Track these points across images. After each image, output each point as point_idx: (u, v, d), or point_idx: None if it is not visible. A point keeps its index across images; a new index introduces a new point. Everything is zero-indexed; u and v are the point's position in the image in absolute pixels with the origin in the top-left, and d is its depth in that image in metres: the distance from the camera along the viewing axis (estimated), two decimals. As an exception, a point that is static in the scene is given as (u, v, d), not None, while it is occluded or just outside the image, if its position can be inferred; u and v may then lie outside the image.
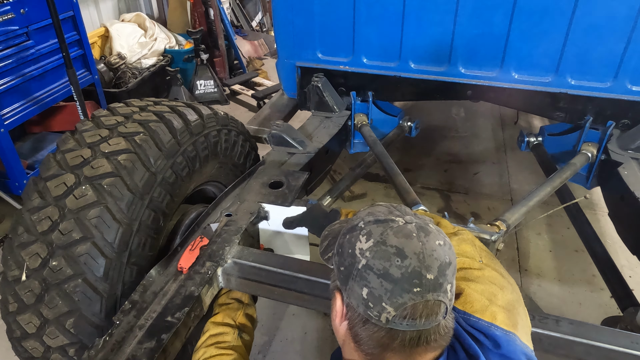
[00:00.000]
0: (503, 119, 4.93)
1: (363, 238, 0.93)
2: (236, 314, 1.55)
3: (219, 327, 1.48)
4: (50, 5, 2.96)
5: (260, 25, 7.65)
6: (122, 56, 5.00)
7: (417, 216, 0.99)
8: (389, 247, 0.90)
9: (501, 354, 1.01)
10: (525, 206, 2.08)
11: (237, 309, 1.57)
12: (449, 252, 0.93)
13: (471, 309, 1.10)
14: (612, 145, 2.44)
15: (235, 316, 1.54)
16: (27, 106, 3.37)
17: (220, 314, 1.55)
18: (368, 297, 0.90)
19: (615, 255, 2.68)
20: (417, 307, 0.88)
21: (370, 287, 0.90)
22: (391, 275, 0.88)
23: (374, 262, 0.90)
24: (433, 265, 0.89)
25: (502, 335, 1.04)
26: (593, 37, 2.32)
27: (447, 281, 0.91)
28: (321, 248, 1.15)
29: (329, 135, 2.65)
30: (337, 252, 1.00)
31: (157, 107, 1.88)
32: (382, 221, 0.95)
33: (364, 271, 0.91)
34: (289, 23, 2.78)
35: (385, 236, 0.92)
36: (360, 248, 0.93)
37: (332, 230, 1.17)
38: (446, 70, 2.65)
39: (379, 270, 0.89)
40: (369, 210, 1.02)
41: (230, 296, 1.62)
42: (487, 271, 1.21)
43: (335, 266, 1.01)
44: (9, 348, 1.61)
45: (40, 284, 1.49)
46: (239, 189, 2.05)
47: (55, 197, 1.55)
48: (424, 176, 4.01)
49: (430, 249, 0.90)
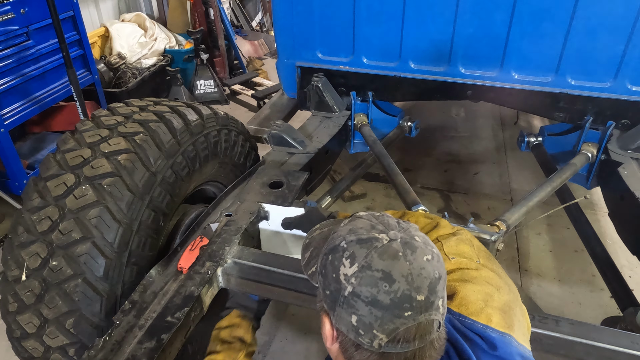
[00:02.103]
0: (503, 119, 4.92)
1: (347, 262, 0.89)
2: (237, 355, 1.52)
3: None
4: (50, 5, 2.96)
5: (260, 25, 7.65)
6: (122, 56, 5.00)
7: (402, 227, 0.94)
8: (375, 271, 0.86)
9: (497, 355, 1.01)
10: (525, 206, 2.08)
11: (239, 349, 1.54)
12: (438, 265, 0.90)
13: (466, 311, 1.09)
14: (612, 145, 2.44)
15: (236, 357, 1.51)
16: (27, 106, 3.37)
17: (220, 353, 1.52)
18: (358, 325, 0.87)
19: (615, 255, 2.68)
20: (410, 330, 0.85)
21: (359, 315, 0.86)
22: (380, 302, 0.84)
23: (360, 290, 0.86)
24: (423, 285, 0.85)
25: (497, 337, 1.03)
26: (593, 37, 2.32)
27: (438, 297, 0.88)
28: (303, 260, 1.10)
29: (329, 135, 2.65)
30: (321, 273, 0.95)
31: (157, 107, 1.88)
32: (365, 240, 0.90)
33: (351, 299, 0.87)
34: (289, 23, 2.78)
35: (370, 259, 0.87)
36: (345, 274, 0.88)
37: (312, 238, 1.12)
38: (446, 70, 2.65)
39: (366, 298, 0.85)
40: (350, 226, 0.95)
41: (233, 334, 1.57)
42: (483, 271, 1.20)
43: (320, 286, 0.97)
44: (9, 348, 1.62)
45: (40, 283, 1.49)
46: (239, 189, 2.05)
47: (55, 197, 1.55)
48: (424, 176, 4.01)
49: (419, 268, 0.86)
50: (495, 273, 1.22)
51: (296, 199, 1.91)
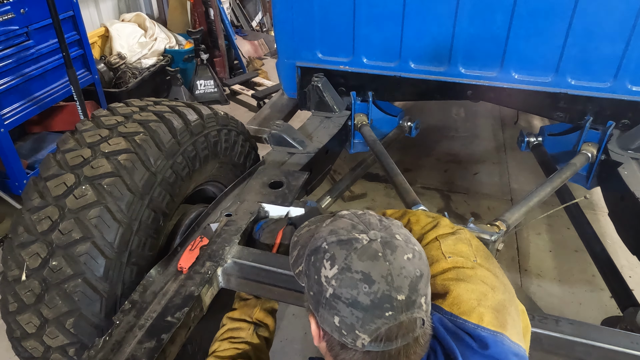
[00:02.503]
0: (503, 119, 4.93)
1: (327, 264, 0.90)
2: (253, 310, 1.56)
3: (235, 323, 1.52)
4: (50, 5, 2.96)
5: (260, 25, 7.65)
6: (122, 56, 5.00)
7: (384, 225, 0.95)
8: (355, 273, 0.87)
9: (488, 354, 1.00)
10: (525, 206, 2.08)
11: (254, 305, 1.59)
12: (419, 263, 0.91)
13: (458, 310, 1.09)
14: (612, 145, 2.44)
15: (251, 313, 1.56)
16: (27, 106, 3.37)
17: (237, 310, 1.58)
18: (340, 325, 0.88)
19: (615, 255, 2.68)
20: (392, 329, 0.86)
21: (341, 316, 0.88)
22: (360, 303, 0.85)
23: (341, 291, 0.87)
24: (403, 285, 0.86)
25: (489, 336, 1.03)
26: (593, 37, 2.32)
27: (420, 294, 0.89)
28: (291, 258, 1.11)
29: (329, 135, 2.65)
30: (306, 274, 0.97)
31: (157, 107, 1.88)
32: (345, 242, 0.91)
33: (332, 300, 0.88)
34: (289, 23, 2.78)
35: (349, 261, 0.88)
36: (325, 275, 0.89)
37: (300, 236, 1.13)
38: (446, 70, 2.65)
39: (347, 299, 0.86)
40: (332, 226, 0.97)
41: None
42: (479, 270, 1.19)
43: (305, 286, 0.98)
44: (9, 348, 1.62)
45: (40, 283, 1.49)
46: (239, 188, 2.05)
47: (55, 197, 1.55)
48: (424, 176, 4.01)
49: (399, 267, 0.87)
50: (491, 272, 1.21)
51: (296, 199, 1.91)
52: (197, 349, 2.01)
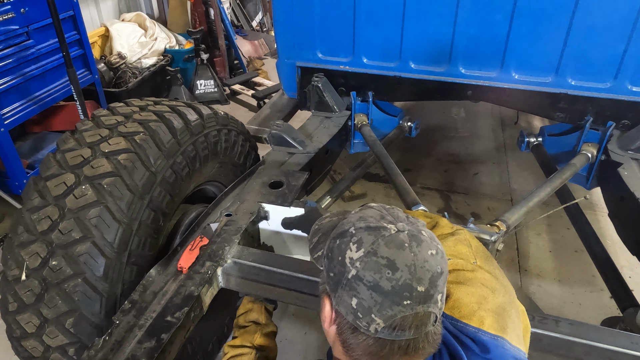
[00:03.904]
0: (503, 119, 4.93)
1: (354, 246, 0.91)
2: (253, 336, 1.56)
3: (236, 350, 1.51)
4: (51, 5, 2.96)
5: (260, 25, 7.65)
6: (122, 56, 5.00)
7: (410, 221, 0.96)
8: (380, 258, 0.88)
9: (489, 358, 1.01)
10: (525, 206, 2.08)
11: (254, 331, 1.57)
12: (441, 261, 0.92)
13: (459, 314, 1.09)
14: (612, 145, 2.44)
15: (252, 339, 1.55)
16: (27, 106, 3.37)
17: (238, 338, 1.57)
18: (357, 308, 0.89)
19: (615, 255, 2.68)
20: (407, 318, 0.87)
21: (359, 298, 0.88)
22: (381, 287, 0.86)
23: (364, 274, 0.88)
24: (424, 277, 0.87)
25: (489, 340, 1.04)
26: (593, 37, 2.32)
27: (438, 291, 0.89)
28: (310, 244, 1.13)
29: (329, 135, 2.65)
30: (327, 256, 0.98)
31: (157, 107, 1.88)
32: (374, 228, 0.92)
33: (353, 281, 0.89)
34: (289, 23, 2.78)
35: (376, 246, 0.89)
36: (350, 257, 0.91)
37: (322, 225, 1.14)
38: (446, 71, 2.65)
39: (369, 282, 0.87)
40: (360, 214, 0.98)
41: (248, 319, 1.61)
42: (479, 273, 1.20)
43: (324, 269, 0.99)
44: (9, 348, 1.62)
45: (40, 283, 1.49)
46: (239, 188, 2.05)
47: (55, 196, 1.55)
48: (424, 176, 4.01)
49: (422, 260, 0.88)
50: (491, 274, 1.21)
51: (296, 199, 1.91)
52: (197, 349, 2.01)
